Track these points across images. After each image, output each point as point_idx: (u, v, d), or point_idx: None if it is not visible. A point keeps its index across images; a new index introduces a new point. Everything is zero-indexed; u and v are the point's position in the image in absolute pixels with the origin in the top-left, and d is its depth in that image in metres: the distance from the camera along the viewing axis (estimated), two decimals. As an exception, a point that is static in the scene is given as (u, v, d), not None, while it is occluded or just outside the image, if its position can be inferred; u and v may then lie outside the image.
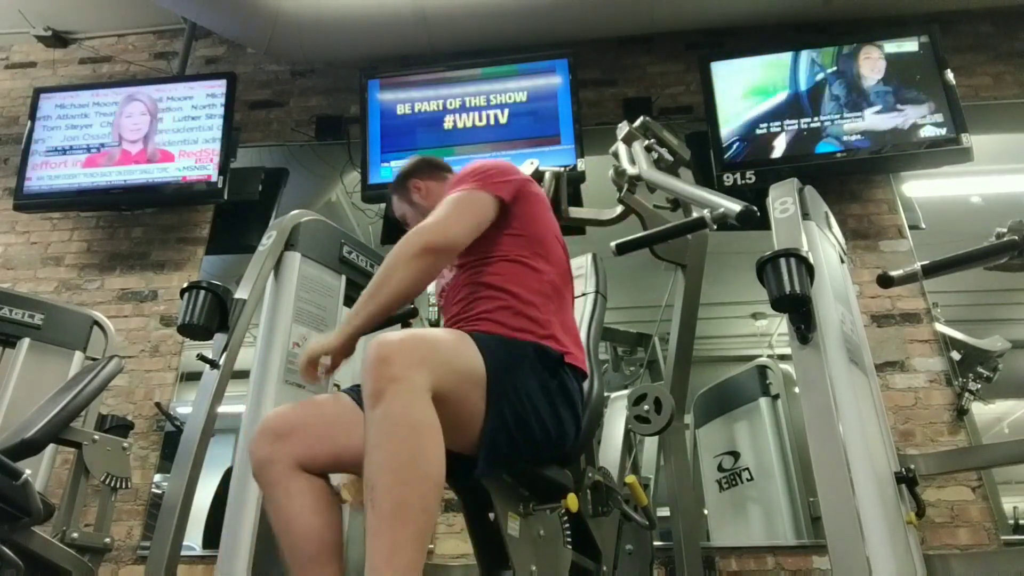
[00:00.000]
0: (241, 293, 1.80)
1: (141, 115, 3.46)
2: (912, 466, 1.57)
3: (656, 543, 2.14)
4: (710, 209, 1.58)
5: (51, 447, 2.12)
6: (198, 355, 1.73)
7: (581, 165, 3.11)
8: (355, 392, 1.23)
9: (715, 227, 1.58)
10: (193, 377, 3.02)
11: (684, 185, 1.87)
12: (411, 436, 0.97)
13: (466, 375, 1.10)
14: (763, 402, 2.72)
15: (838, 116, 3.08)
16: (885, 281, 2.08)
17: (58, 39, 3.97)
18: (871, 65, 3.14)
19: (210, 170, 3.30)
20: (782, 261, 1.40)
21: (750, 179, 3.02)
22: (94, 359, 2.35)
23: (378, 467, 0.96)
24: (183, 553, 1.63)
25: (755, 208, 1.50)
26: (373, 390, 0.99)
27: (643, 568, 1.88)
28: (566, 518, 1.34)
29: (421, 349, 1.03)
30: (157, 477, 2.88)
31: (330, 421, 1.20)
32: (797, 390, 1.50)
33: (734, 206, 1.51)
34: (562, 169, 2.28)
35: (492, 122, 3.30)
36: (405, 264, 1.23)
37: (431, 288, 1.43)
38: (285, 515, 1.14)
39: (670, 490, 1.99)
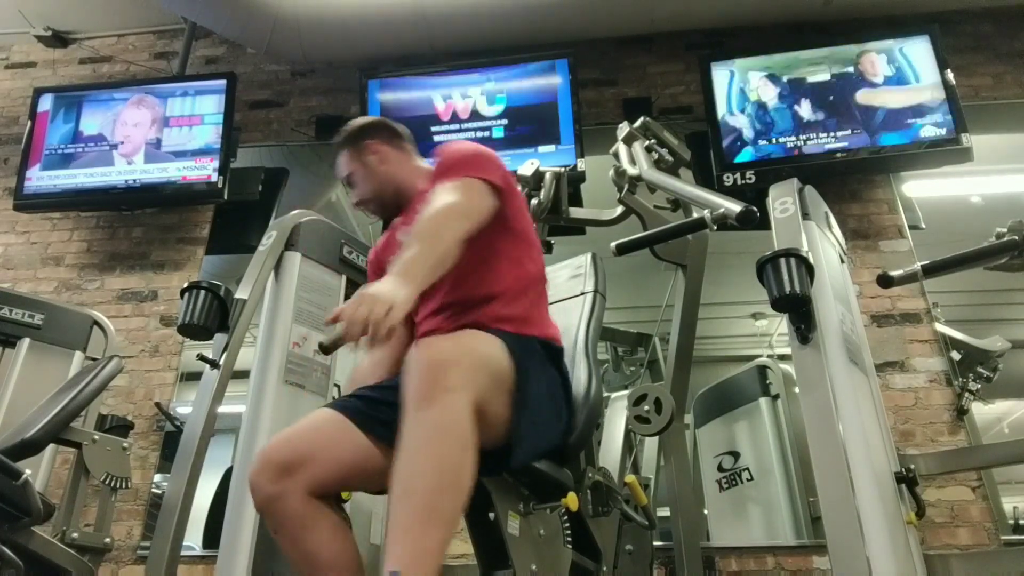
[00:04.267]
0: (241, 293, 1.80)
1: (145, 116, 3.46)
2: (912, 466, 1.57)
3: (656, 543, 2.13)
4: (710, 209, 1.58)
5: (51, 447, 2.12)
6: (198, 355, 1.73)
7: (581, 165, 3.11)
8: (340, 406, 1.19)
9: (715, 227, 1.59)
10: (193, 377, 3.02)
11: (684, 185, 1.88)
12: (456, 448, 0.98)
13: (499, 380, 1.12)
14: (763, 402, 2.71)
15: (838, 116, 3.08)
16: (885, 281, 2.09)
17: (58, 39, 3.97)
18: (871, 65, 3.14)
19: (210, 170, 3.30)
20: (782, 261, 1.40)
21: (750, 179, 3.02)
22: (94, 359, 2.35)
23: (420, 471, 0.96)
24: (183, 553, 1.64)
25: (755, 208, 1.50)
26: (424, 394, 0.99)
27: (643, 568, 1.88)
28: (566, 518, 1.34)
29: (475, 362, 1.05)
30: (157, 477, 2.88)
31: (335, 444, 1.14)
32: (797, 390, 1.50)
33: (734, 206, 1.51)
34: (562, 169, 2.28)
35: (492, 122, 3.30)
36: (458, 219, 1.17)
37: None
38: (305, 548, 1.09)
39: (670, 490, 1.99)
